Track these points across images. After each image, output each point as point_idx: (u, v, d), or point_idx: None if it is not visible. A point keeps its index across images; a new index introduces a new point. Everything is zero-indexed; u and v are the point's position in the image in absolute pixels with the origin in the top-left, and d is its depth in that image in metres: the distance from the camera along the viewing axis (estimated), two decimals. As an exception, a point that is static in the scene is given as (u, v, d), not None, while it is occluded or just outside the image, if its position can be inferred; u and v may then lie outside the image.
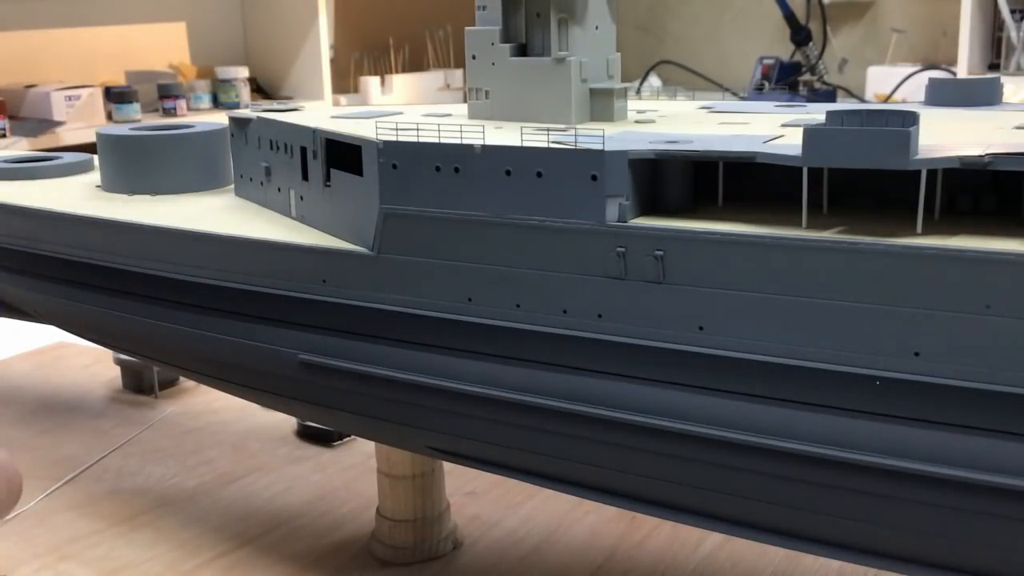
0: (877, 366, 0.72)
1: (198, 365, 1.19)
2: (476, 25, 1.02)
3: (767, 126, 0.91)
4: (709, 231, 0.77)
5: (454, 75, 3.97)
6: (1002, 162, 0.69)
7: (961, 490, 0.71)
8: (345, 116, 1.13)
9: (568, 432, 0.86)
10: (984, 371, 0.69)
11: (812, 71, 3.48)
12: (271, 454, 1.60)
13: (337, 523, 1.37)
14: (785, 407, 0.76)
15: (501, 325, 0.87)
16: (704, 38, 4.10)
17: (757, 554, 1.23)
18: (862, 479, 0.74)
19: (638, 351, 0.81)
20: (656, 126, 0.95)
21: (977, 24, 3.06)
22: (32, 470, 1.55)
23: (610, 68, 1.01)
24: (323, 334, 0.98)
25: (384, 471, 1.24)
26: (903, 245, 0.70)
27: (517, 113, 0.98)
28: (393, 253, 0.92)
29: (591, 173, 0.80)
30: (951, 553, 0.76)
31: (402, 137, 0.89)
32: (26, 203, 1.26)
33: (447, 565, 1.26)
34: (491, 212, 0.85)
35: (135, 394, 1.88)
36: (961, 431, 0.71)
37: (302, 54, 3.61)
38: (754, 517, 0.83)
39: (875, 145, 0.70)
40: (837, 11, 3.71)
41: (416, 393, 0.93)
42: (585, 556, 1.27)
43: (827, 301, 0.73)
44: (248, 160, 1.20)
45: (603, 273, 0.81)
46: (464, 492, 1.42)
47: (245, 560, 1.29)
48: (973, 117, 0.92)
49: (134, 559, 1.29)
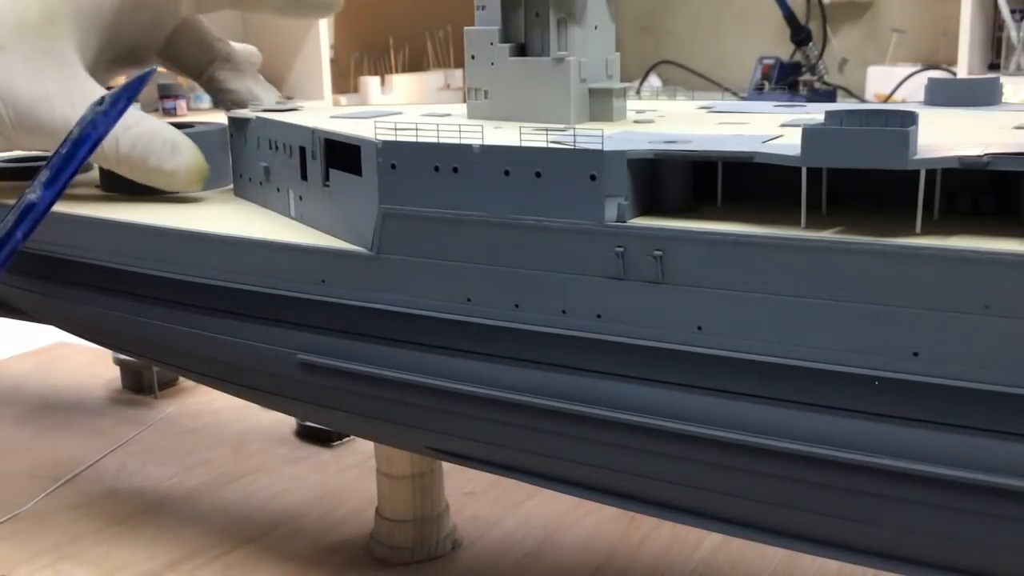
0: (876, 366, 0.72)
1: (198, 365, 1.19)
2: (476, 25, 1.02)
3: (766, 126, 0.91)
4: (708, 231, 0.77)
5: (454, 75, 3.97)
6: (1001, 162, 0.69)
7: (961, 490, 0.71)
8: (344, 116, 1.13)
9: (567, 432, 0.86)
10: (983, 371, 0.69)
11: (812, 71, 3.48)
12: (270, 454, 1.60)
13: (337, 523, 1.37)
14: (783, 407, 0.76)
15: (500, 325, 0.87)
16: (704, 38, 4.10)
17: (756, 554, 1.23)
18: (861, 479, 0.74)
19: (637, 351, 0.81)
20: (655, 126, 0.95)
21: (977, 24, 3.07)
22: (32, 470, 1.55)
23: (609, 68, 1.01)
24: (322, 334, 0.98)
25: (383, 471, 1.24)
26: (902, 245, 0.70)
27: (516, 113, 0.98)
28: (392, 253, 0.92)
29: (590, 173, 0.80)
30: (951, 553, 0.76)
31: (401, 137, 0.89)
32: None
33: (446, 565, 1.26)
34: (490, 212, 0.85)
35: (135, 394, 1.88)
36: (960, 431, 0.71)
37: (302, 54, 3.62)
38: (753, 517, 0.83)
39: (874, 145, 0.70)
40: (837, 11, 3.71)
41: (415, 393, 0.93)
42: (584, 556, 1.27)
43: (826, 301, 0.73)
44: (247, 160, 1.20)
45: (602, 273, 0.81)
46: (463, 492, 1.42)
47: (245, 560, 1.29)
48: (973, 117, 0.92)
49: (134, 559, 1.29)
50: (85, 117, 0.92)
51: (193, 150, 1.20)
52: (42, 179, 0.91)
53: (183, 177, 1.19)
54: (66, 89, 1.17)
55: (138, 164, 1.18)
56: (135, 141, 1.17)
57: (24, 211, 0.91)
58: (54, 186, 0.91)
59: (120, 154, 1.18)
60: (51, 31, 1.17)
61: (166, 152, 1.18)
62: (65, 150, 0.91)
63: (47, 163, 0.91)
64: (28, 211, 0.91)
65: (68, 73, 1.18)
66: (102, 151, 1.16)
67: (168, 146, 1.18)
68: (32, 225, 0.92)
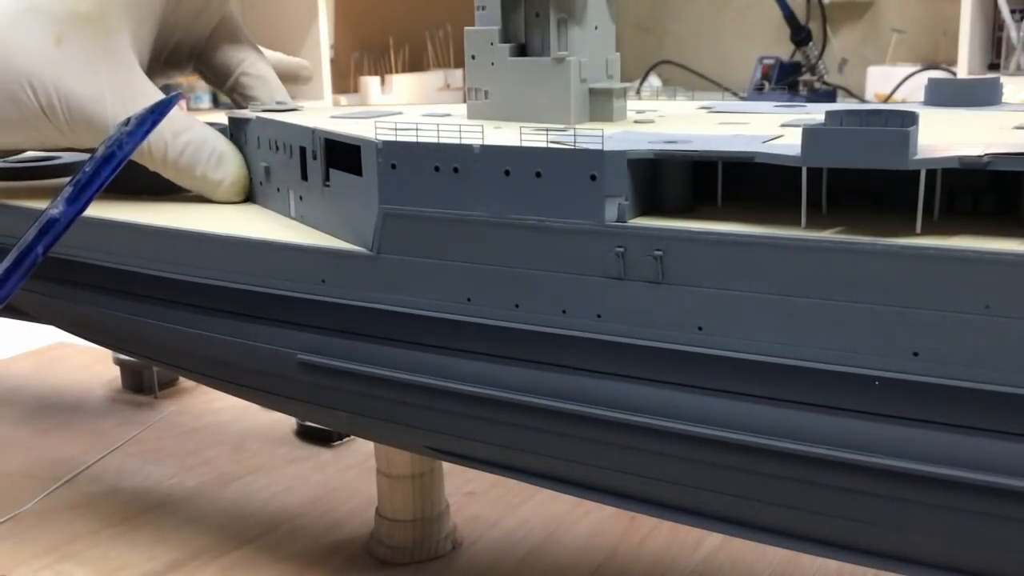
0: (876, 366, 0.72)
1: (198, 365, 1.19)
2: (476, 25, 1.02)
3: (767, 126, 0.91)
4: (708, 231, 0.77)
5: (454, 75, 3.97)
6: (1001, 162, 0.69)
7: (961, 490, 0.71)
8: (344, 116, 1.13)
9: (567, 432, 0.86)
10: (983, 371, 0.69)
11: (812, 71, 3.48)
12: (271, 454, 1.60)
13: (337, 523, 1.37)
14: (783, 407, 0.76)
15: (500, 325, 0.87)
16: (704, 38, 4.10)
17: (756, 554, 1.23)
18: (861, 479, 0.74)
19: (637, 351, 0.81)
20: (655, 126, 0.95)
21: (977, 24, 3.07)
22: (32, 470, 1.55)
23: (609, 68, 1.01)
24: (322, 334, 0.98)
25: (383, 471, 1.24)
26: (902, 245, 0.70)
27: (516, 113, 0.98)
28: (392, 253, 0.92)
29: (590, 173, 0.80)
30: (951, 553, 0.76)
31: (401, 137, 0.89)
32: (26, 203, 1.26)
33: (446, 565, 1.26)
34: (490, 212, 0.85)
35: (135, 394, 1.88)
36: (960, 431, 0.71)
37: (302, 54, 3.62)
38: (754, 517, 0.83)
39: (874, 145, 0.70)
40: (837, 11, 3.71)
41: (415, 393, 0.93)
42: (584, 556, 1.27)
43: (826, 301, 0.73)
44: (248, 160, 1.20)
45: (602, 273, 0.81)
46: (463, 492, 1.42)
47: (245, 560, 1.29)
48: (973, 117, 0.92)
49: (134, 559, 1.29)
50: (111, 136, 0.92)
51: (238, 162, 1.21)
52: (65, 195, 0.91)
53: (227, 189, 1.20)
54: (119, 89, 1.17)
55: (185, 171, 1.19)
56: (184, 148, 1.18)
57: (45, 226, 0.91)
58: (76, 203, 0.91)
59: (168, 159, 1.19)
60: (105, 24, 1.16)
61: (213, 162, 1.19)
62: (90, 168, 0.92)
63: (71, 179, 0.92)
64: (49, 227, 0.91)
65: (123, 71, 1.18)
66: (150, 154, 1.18)
67: (215, 156, 1.19)
68: (53, 240, 0.92)
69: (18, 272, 0.91)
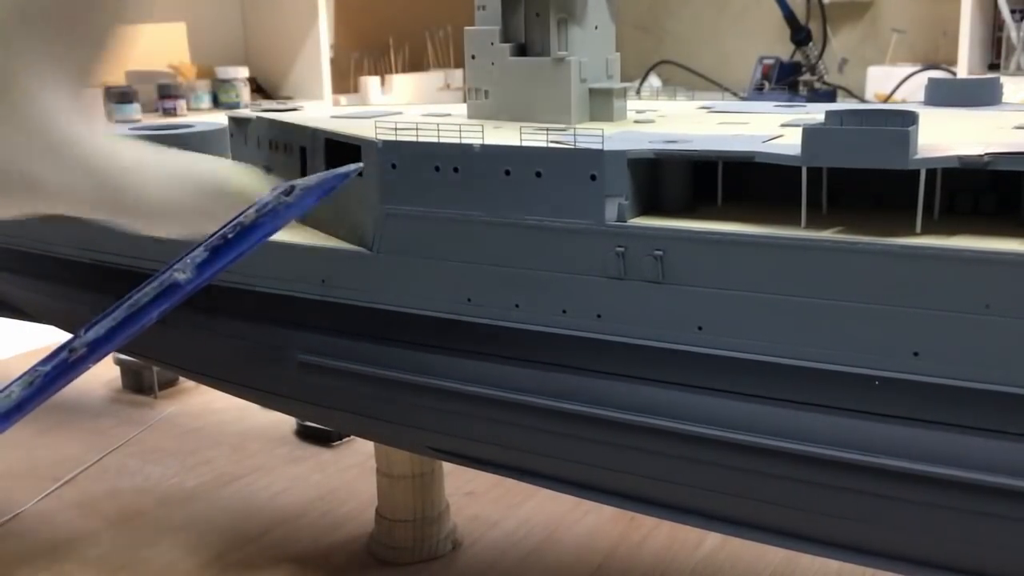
0: (876, 366, 0.72)
1: (198, 365, 1.19)
2: (476, 25, 1.02)
3: (766, 126, 0.91)
4: (708, 231, 0.77)
5: (454, 75, 3.96)
6: (1001, 162, 0.69)
7: (961, 490, 0.71)
8: (345, 116, 1.13)
9: (567, 432, 0.86)
10: (983, 371, 0.69)
11: (812, 71, 3.47)
12: (271, 454, 1.60)
13: (337, 523, 1.37)
14: (784, 407, 0.76)
15: (500, 325, 0.87)
16: (704, 38, 4.09)
17: (756, 554, 1.23)
18: (861, 479, 0.74)
19: (637, 351, 0.81)
20: (656, 126, 0.95)
21: (977, 24, 3.06)
22: (32, 470, 1.55)
23: (609, 68, 1.01)
24: (322, 334, 0.98)
25: (383, 471, 1.24)
26: (902, 245, 0.70)
27: (516, 113, 0.98)
28: (393, 253, 0.92)
29: (590, 173, 0.80)
30: (951, 553, 0.76)
31: (401, 137, 0.89)
32: None
33: (446, 565, 1.26)
34: (490, 212, 0.85)
35: (135, 394, 1.88)
36: (960, 431, 0.71)
37: (302, 54, 3.61)
38: (754, 517, 0.83)
39: (874, 145, 0.70)
40: (837, 11, 3.71)
41: (415, 393, 0.93)
42: (584, 556, 1.27)
43: (826, 301, 0.73)
44: (248, 160, 1.20)
45: (602, 273, 0.81)
46: (463, 492, 1.42)
47: (245, 560, 1.28)
48: (973, 117, 0.92)
49: (134, 559, 1.29)
50: (266, 203, 0.78)
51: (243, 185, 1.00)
52: (197, 259, 0.77)
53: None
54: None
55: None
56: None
57: (167, 290, 0.78)
58: (205, 271, 0.77)
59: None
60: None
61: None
62: (232, 234, 0.77)
63: (204, 242, 0.78)
64: (172, 292, 0.78)
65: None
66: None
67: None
68: (170, 307, 0.79)
69: (122, 334, 0.79)
